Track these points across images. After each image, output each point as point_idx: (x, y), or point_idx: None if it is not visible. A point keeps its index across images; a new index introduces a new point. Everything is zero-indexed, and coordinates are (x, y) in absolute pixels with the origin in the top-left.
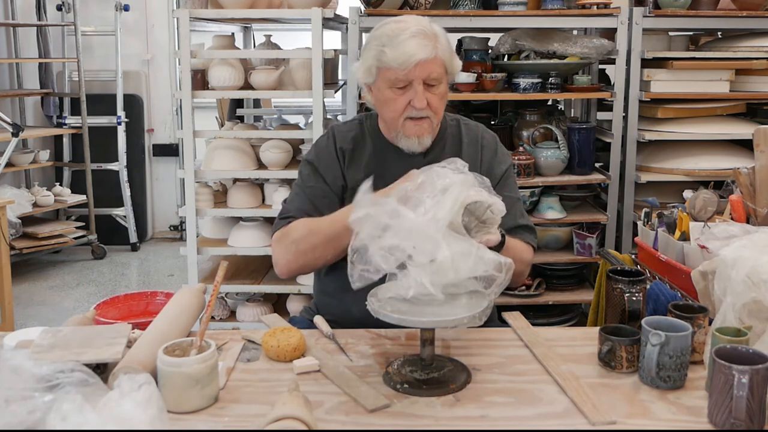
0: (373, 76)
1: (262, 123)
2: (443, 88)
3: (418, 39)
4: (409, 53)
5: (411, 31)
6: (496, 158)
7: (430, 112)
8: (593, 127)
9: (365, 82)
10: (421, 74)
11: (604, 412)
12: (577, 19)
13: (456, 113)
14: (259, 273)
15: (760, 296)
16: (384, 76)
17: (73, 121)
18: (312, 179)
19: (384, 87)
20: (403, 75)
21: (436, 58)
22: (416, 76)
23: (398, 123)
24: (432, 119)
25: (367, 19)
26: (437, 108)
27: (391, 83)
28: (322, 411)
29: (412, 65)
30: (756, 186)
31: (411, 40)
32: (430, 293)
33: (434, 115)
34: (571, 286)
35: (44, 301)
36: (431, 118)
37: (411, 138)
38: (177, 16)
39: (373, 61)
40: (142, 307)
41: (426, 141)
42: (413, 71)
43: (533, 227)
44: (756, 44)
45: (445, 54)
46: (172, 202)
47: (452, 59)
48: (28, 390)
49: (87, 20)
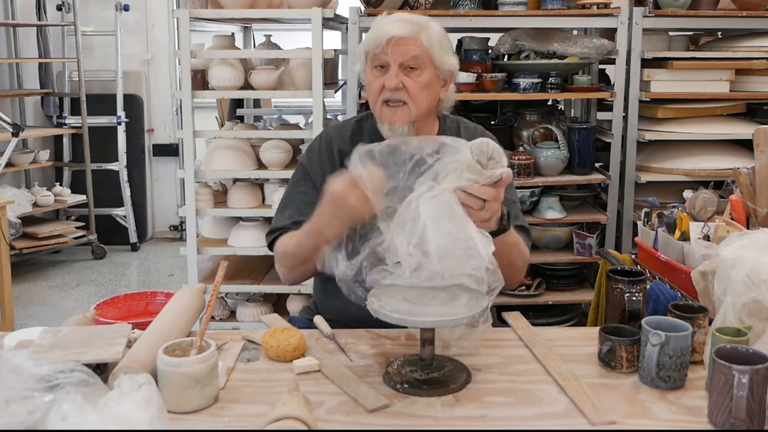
0: (363, 64)
1: (262, 123)
2: (425, 78)
3: (400, 22)
4: (384, 30)
5: (397, 17)
6: None
7: (407, 97)
8: (593, 127)
9: (361, 72)
10: (396, 54)
11: (604, 412)
12: (577, 19)
13: (456, 113)
14: (259, 273)
15: (760, 296)
16: (369, 61)
17: (73, 121)
18: (302, 184)
19: (368, 71)
20: (379, 52)
21: (415, 40)
22: (390, 54)
23: (377, 108)
24: (410, 106)
25: (367, 19)
26: (416, 95)
27: (372, 65)
28: (322, 411)
29: (384, 41)
30: (756, 186)
31: (392, 22)
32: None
33: (412, 102)
34: (571, 286)
35: (44, 301)
36: (408, 104)
37: (384, 124)
38: (177, 16)
39: (362, 47)
40: (142, 307)
41: (399, 129)
42: (386, 48)
43: (529, 230)
44: (756, 44)
45: (432, 43)
46: (172, 202)
47: (441, 54)
48: (28, 390)
49: (87, 20)
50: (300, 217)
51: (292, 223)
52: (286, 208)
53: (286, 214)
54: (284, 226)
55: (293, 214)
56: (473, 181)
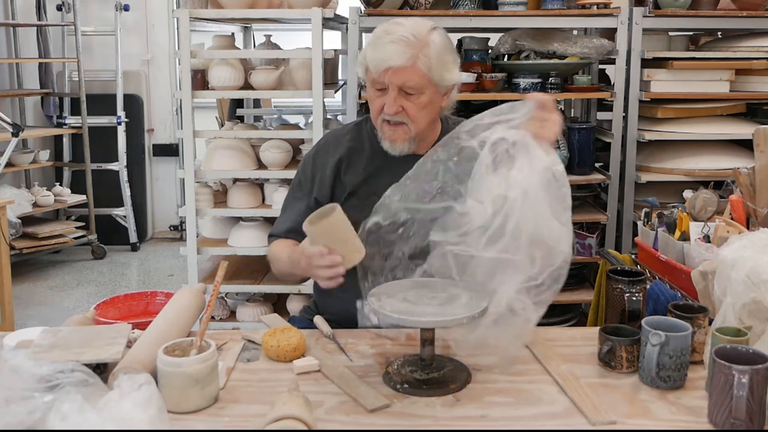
0: (363, 73)
1: (262, 123)
2: (425, 99)
3: (397, 45)
4: (381, 58)
5: (395, 36)
6: None
7: (407, 118)
8: (593, 127)
9: (362, 78)
10: (394, 80)
11: (604, 412)
12: (577, 19)
13: (456, 113)
14: (259, 273)
15: (760, 296)
16: (368, 75)
17: (73, 121)
18: (297, 190)
19: (369, 85)
20: (377, 77)
21: (414, 68)
22: (390, 81)
23: (378, 124)
24: (409, 126)
25: (367, 19)
26: (415, 116)
27: (372, 83)
28: (322, 411)
29: (382, 69)
30: (756, 186)
31: (390, 45)
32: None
33: (412, 123)
34: (571, 286)
35: (44, 301)
36: (409, 125)
37: (386, 141)
38: (177, 16)
39: (362, 58)
40: (142, 307)
41: (400, 147)
42: (384, 75)
43: None
44: (756, 44)
45: (431, 65)
46: (172, 202)
47: (442, 72)
48: (28, 390)
49: (87, 20)
50: (292, 223)
51: (286, 231)
52: (284, 212)
53: (283, 218)
54: (279, 234)
55: (287, 219)
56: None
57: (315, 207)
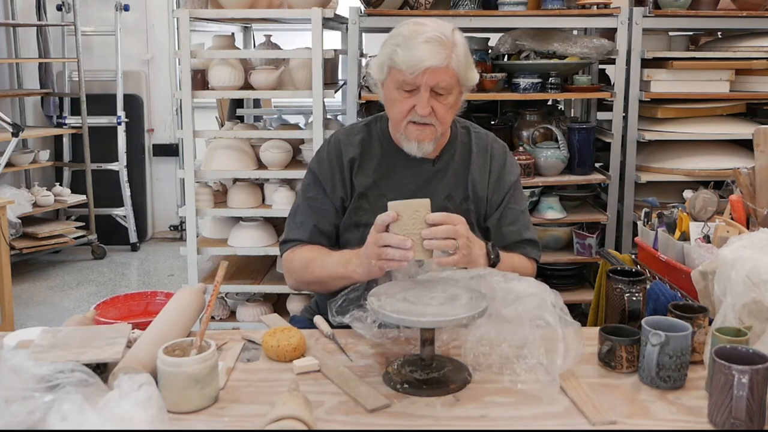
0: (384, 74)
1: (262, 123)
2: (452, 99)
3: (431, 45)
4: (419, 58)
5: (427, 36)
6: (505, 169)
7: (435, 120)
8: (593, 127)
9: (378, 79)
10: (429, 81)
11: (604, 412)
12: (577, 19)
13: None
14: (259, 273)
15: (760, 296)
16: (394, 77)
17: (73, 121)
18: (312, 189)
19: (392, 87)
20: (411, 79)
21: (448, 68)
22: (424, 82)
23: (401, 125)
24: (437, 127)
25: (367, 19)
26: (443, 117)
27: (398, 84)
28: (322, 411)
29: (420, 71)
30: (756, 186)
31: (424, 44)
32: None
33: (439, 124)
34: (571, 286)
35: (44, 301)
36: (436, 126)
37: (411, 141)
38: (177, 16)
39: (386, 59)
40: (142, 307)
41: (426, 147)
42: (421, 77)
43: (537, 241)
44: (756, 44)
45: (460, 65)
46: (172, 202)
47: (468, 71)
48: (28, 390)
49: (87, 20)
50: (312, 219)
51: (306, 230)
52: (296, 214)
53: (298, 221)
54: (301, 239)
55: (305, 222)
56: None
57: (342, 207)
